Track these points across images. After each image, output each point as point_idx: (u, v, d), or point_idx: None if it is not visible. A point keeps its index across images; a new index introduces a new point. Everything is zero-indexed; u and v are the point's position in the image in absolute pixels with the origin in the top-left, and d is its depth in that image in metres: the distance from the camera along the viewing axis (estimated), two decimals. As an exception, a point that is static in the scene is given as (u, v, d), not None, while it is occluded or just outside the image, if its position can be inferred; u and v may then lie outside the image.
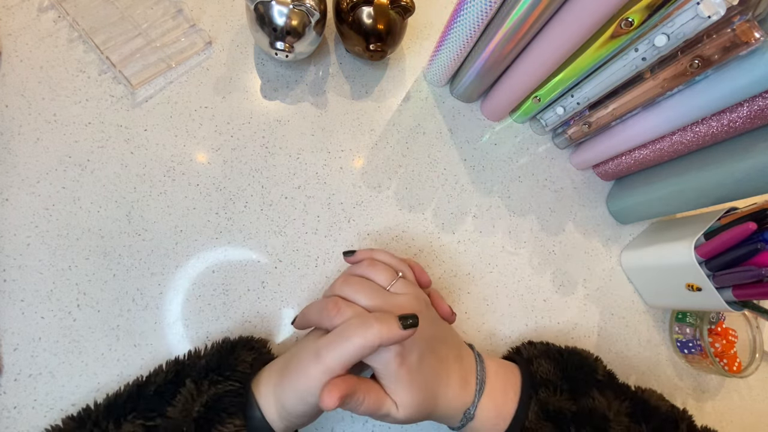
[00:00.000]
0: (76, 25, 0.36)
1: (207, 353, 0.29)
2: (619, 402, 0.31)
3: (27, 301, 0.30)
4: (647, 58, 0.33)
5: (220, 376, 0.26)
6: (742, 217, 0.39)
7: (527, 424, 0.28)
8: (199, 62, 0.39)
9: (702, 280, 0.38)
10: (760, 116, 0.33)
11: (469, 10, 0.34)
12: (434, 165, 0.43)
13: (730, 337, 0.45)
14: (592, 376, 0.33)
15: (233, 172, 0.37)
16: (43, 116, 0.34)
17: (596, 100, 0.40)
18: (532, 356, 0.34)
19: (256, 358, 0.29)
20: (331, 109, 0.41)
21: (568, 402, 0.30)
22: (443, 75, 0.43)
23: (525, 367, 0.32)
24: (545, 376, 0.31)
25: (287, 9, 0.34)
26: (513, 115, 0.47)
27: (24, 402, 0.29)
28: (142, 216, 0.34)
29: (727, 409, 0.46)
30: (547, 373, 0.32)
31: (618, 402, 0.31)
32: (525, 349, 0.35)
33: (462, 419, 0.28)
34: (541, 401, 0.29)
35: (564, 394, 0.30)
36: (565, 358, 0.34)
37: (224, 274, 0.35)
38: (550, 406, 0.29)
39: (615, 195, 0.48)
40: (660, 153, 0.41)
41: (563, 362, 0.33)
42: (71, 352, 0.30)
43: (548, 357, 0.33)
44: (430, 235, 0.41)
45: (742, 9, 0.29)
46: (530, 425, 0.28)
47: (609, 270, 0.46)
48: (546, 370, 0.32)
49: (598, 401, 0.30)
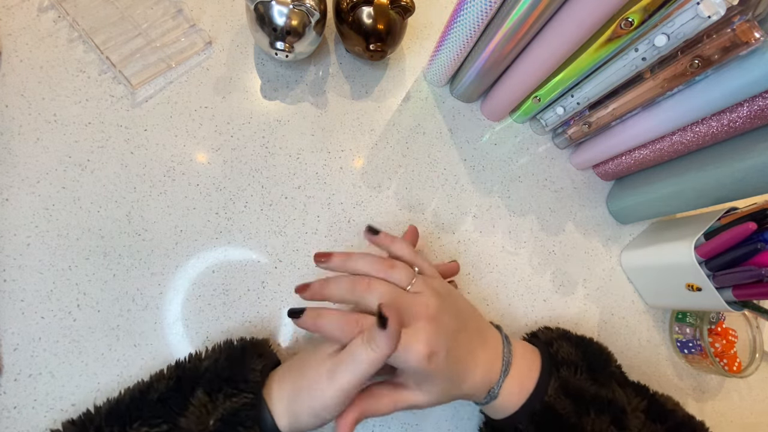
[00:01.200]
0: (76, 25, 0.36)
1: (209, 356, 0.29)
2: (638, 399, 0.32)
3: (27, 301, 0.30)
4: (647, 58, 0.33)
5: (235, 389, 0.26)
6: (742, 217, 0.39)
7: (547, 399, 0.29)
8: (199, 62, 0.39)
9: (702, 280, 0.38)
10: (760, 116, 0.33)
11: (469, 10, 0.34)
12: (434, 165, 0.43)
13: (730, 337, 0.45)
14: (608, 364, 0.34)
15: (233, 172, 0.37)
16: (43, 116, 0.34)
17: (596, 100, 0.40)
18: (551, 338, 0.34)
19: (265, 365, 0.29)
20: (331, 109, 0.41)
21: (587, 383, 0.31)
22: (443, 75, 0.43)
23: (544, 347, 0.33)
24: (566, 356, 0.32)
25: (287, 9, 0.34)
26: (513, 115, 0.47)
27: (24, 402, 0.29)
28: (142, 216, 0.34)
29: (727, 409, 0.46)
30: (567, 355, 0.32)
31: (638, 399, 0.32)
32: (542, 333, 0.36)
33: (486, 397, 0.29)
34: (562, 378, 0.30)
35: (584, 374, 0.31)
36: (584, 343, 0.34)
37: (224, 274, 0.35)
38: (571, 385, 0.30)
39: (615, 195, 0.48)
40: (660, 153, 0.41)
41: (583, 346, 0.34)
42: (71, 352, 0.30)
43: (567, 340, 0.34)
44: (430, 235, 0.41)
45: (742, 9, 0.29)
46: (550, 399, 0.29)
47: (609, 270, 0.46)
48: (566, 351, 0.33)
49: (617, 393, 0.31)
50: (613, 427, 0.29)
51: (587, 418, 0.29)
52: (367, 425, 0.35)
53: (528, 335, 0.37)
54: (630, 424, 0.30)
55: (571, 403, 0.29)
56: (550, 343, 0.34)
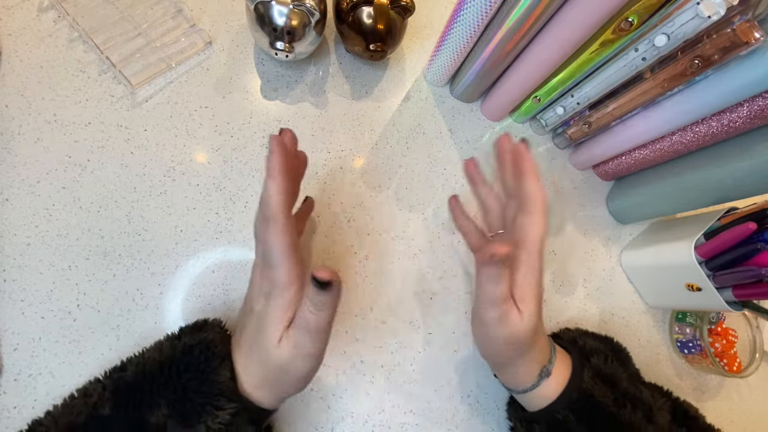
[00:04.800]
0: (76, 25, 0.36)
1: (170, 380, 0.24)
2: (664, 399, 0.32)
3: (27, 301, 0.30)
4: (647, 58, 0.33)
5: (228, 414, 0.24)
6: (742, 217, 0.39)
7: (584, 386, 0.29)
8: (199, 62, 0.39)
9: (702, 280, 0.38)
10: (760, 116, 0.33)
11: (469, 10, 0.34)
12: (434, 165, 0.43)
13: (730, 337, 0.45)
14: (630, 360, 0.35)
15: (233, 172, 0.37)
16: (43, 116, 0.34)
17: (596, 100, 0.40)
18: (574, 337, 0.35)
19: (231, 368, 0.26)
20: (331, 109, 0.41)
21: (619, 369, 0.31)
22: (443, 75, 0.43)
23: (571, 343, 0.34)
24: (594, 347, 0.33)
25: (287, 9, 0.34)
26: (513, 115, 0.47)
27: (24, 402, 0.29)
28: (142, 216, 0.34)
29: (727, 409, 0.46)
30: (595, 346, 0.33)
31: (663, 399, 0.32)
32: (563, 333, 0.37)
33: (527, 388, 0.30)
34: (594, 366, 0.31)
35: (615, 362, 0.32)
36: (607, 339, 0.35)
37: (224, 274, 0.35)
38: (603, 371, 0.31)
39: (615, 195, 0.48)
40: (660, 153, 0.41)
41: (606, 341, 0.35)
42: (71, 352, 0.30)
43: (591, 336, 0.35)
44: (430, 235, 0.41)
45: (742, 9, 0.29)
46: (587, 386, 0.29)
47: (609, 270, 0.46)
48: (593, 344, 0.33)
49: (645, 393, 0.31)
50: (645, 420, 0.29)
51: (625, 410, 0.29)
52: (367, 425, 0.35)
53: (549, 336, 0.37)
54: (659, 420, 0.30)
55: (608, 390, 0.30)
56: (573, 340, 0.34)
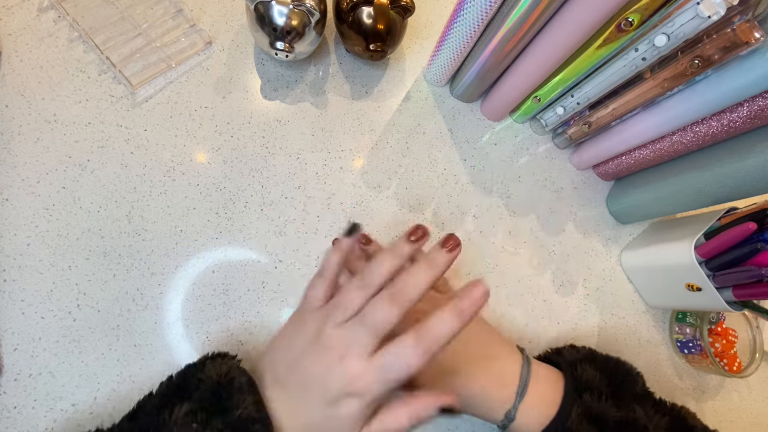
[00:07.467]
0: (76, 25, 0.36)
1: None
2: (659, 416, 0.31)
3: (27, 301, 0.30)
4: (647, 58, 0.33)
5: None
6: (742, 217, 0.39)
7: (569, 424, 0.29)
8: (199, 62, 0.39)
9: (702, 280, 0.38)
10: (760, 116, 0.33)
11: (469, 10, 0.34)
12: (434, 165, 0.43)
13: (730, 337, 0.45)
14: (633, 389, 0.33)
15: (233, 172, 0.37)
16: (43, 116, 0.34)
17: (596, 100, 0.40)
18: (576, 360, 0.33)
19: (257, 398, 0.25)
20: (331, 109, 0.41)
21: (611, 409, 0.30)
22: (443, 75, 0.43)
23: (569, 369, 0.32)
24: (590, 380, 0.31)
25: (287, 9, 0.34)
26: (513, 115, 0.47)
27: (24, 402, 0.29)
28: (142, 216, 0.34)
29: (727, 409, 0.46)
30: (592, 379, 0.32)
31: (658, 416, 0.31)
32: (567, 352, 0.35)
33: (503, 420, 0.29)
34: (585, 404, 0.30)
35: (608, 401, 0.30)
36: (610, 368, 0.33)
37: (224, 274, 0.35)
38: (593, 411, 0.29)
39: (615, 195, 0.48)
40: (660, 153, 0.41)
41: (609, 371, 0.33)
42: (71, 352, 0.30)
43: (593, 362, 0.33)
44: (430, 235, 0.41)
45: (742, 9, 0.29)
46: (572, 425, 0.29)
47: (609, 270, 0.46)
48: (591, 375, 0.32)
49: (638, 413, 0.30)
50: None
51: None
52: (367, 425, 0.35)
53: (552, 350, 0.36)
54: None
55: (594, 430, 0.29)
56: (574, 364, 0.33)
